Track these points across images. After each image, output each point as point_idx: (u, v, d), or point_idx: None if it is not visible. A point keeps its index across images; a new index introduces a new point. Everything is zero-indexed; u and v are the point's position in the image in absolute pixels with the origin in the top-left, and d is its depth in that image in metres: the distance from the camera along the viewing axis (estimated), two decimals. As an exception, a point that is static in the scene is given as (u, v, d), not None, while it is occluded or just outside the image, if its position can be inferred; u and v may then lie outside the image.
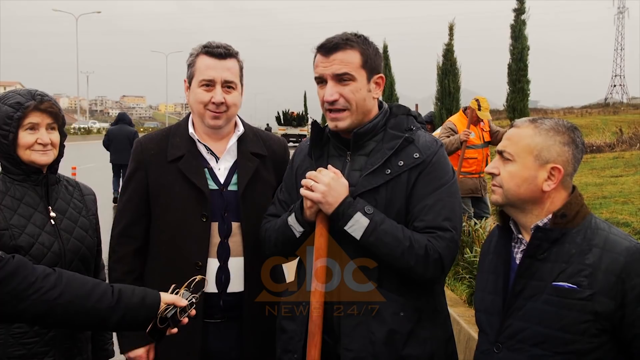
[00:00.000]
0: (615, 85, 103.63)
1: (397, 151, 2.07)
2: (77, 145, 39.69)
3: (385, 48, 14.72)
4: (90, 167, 20.92)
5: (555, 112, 49.14)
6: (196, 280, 2.01)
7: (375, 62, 2.11)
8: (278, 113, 49.73)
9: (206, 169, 2.42)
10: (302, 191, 2.05)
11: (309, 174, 2.05)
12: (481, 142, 7.23)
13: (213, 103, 2.37)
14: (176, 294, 1.93)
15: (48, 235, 2.36)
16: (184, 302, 1.89)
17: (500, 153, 1.90)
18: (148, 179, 2.44)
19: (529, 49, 6.06)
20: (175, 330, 1.91)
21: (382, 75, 2.15)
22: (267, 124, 51.27)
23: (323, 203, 2.00)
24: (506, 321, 1.86)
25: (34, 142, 2.33)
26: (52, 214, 2.41)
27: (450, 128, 7.31)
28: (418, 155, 2.06)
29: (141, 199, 2.45)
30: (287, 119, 48.23)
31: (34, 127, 2.33)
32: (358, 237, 1.98)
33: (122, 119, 13.45)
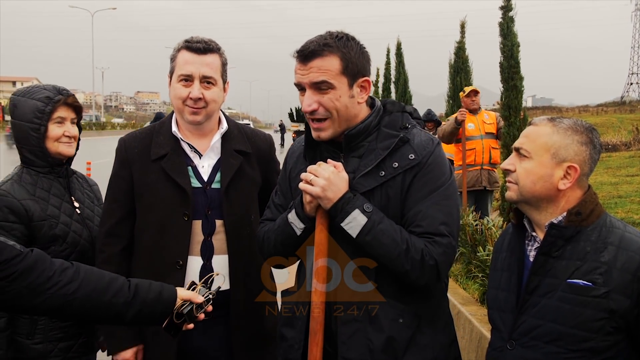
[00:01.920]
0: (631, 84, 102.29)
1: (392, 152, 1.97)
2: (92, 140, 40.00)
3: (399, 45, 14.62)
4: (105, 162, 21.10)
5: (570, 110, 48.65)
6: (213, 277, 2.02)
7: (359, 65, 1.97)
8: (291, 109, 49.67)
9: (189, 167, 2.39)
10: (302, 185, 1.96)
11: (310, 167, 1.98)
12: (480, 134, 7.23)
13: (191, 98, 2.32)
14: (193, 290, 1.94)
15: (77, 224, 2.49)
16: (200, 299, 1.91)
17: (517, 150, 1.89)
18: (132, 177, 2.41)
19: (519, 46, 6.08)
20: (191, 325, 1.91)
21: (367, 78, 2.00)
22: (281, 121, 51.12)
23: (322, 197, 1.92)
24: (520, 318, 1.85)
25: (62, 134, 2.46)
26: (76, 203, 2.54)
27: (449, 119, 7.41)
28: (413, 157, 1.96)
29: (127, 198, 2.42)
30: (300, 115, 48.17)
31: (61, 121, 2.47)
32: (354, 235, 1.91)
33: (159, 118, 13.99)
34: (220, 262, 2.38)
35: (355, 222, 1.90)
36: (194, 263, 2.35)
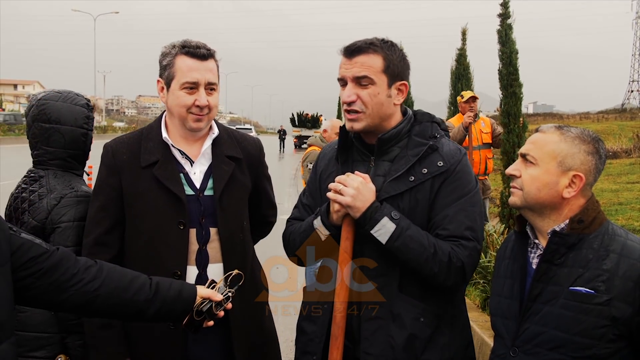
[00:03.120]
0: (632, 91, 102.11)
1: (421, 158, 2.07)
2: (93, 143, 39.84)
3: (401, 51, 14.66)
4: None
5: (571, 117, 48.65)
6: (232, 275, 2.06)
7: (399, 68, 2.10)
8: (292, 114, 49.74)
9: (182, 174, 2.32)
10: (331, 195, 2.04)
11: (338, 178, 2.06)
12: (478, 144, 7.25)
13: (197, 106, 2.27)
14: (212, 288, 1.98)
15: None
16: (219, 297, 1.95)
17: (524, 156, 1.91)
18: (122, 185, 2.32)
19: (517, 53, 6.16)
20: (211, 322, 1.95)
21: (405, 82, 2.13)
22: (281, 126, 51.15)
23: (352, 207, 2.00)
24: (523, 325, 1.86)
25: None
26: None
27: (449, 122, 7.43)
28: (442, 164, 2.06)
29: (116, 206, 2.32)
30: (302, 120, 48.27)
31: None
32: (384, 242, 1.99)
33: None
34: (216, 271, 2.31)
35: (384, 229, 1.99)
36: (190, 273, 2.29)
